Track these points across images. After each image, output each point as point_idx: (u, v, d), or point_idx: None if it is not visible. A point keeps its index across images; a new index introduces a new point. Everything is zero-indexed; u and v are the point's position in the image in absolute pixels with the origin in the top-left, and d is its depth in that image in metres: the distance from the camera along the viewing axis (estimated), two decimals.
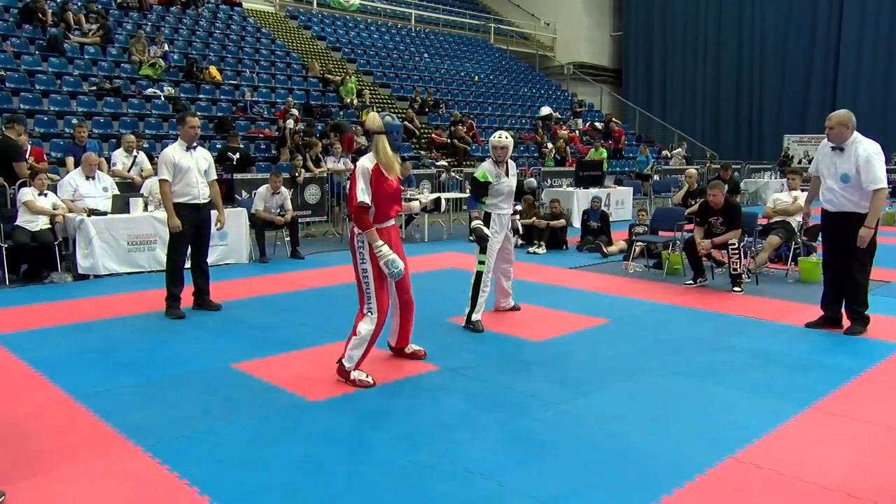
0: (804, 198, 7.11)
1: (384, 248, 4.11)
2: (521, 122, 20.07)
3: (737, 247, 6.94)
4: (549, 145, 17.59)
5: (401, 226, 4.57)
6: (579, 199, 12.39)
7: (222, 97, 14.10)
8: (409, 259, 4.52)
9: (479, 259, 5.62)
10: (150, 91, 12.94)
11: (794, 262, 7.82)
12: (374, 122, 4.20)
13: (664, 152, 21.30)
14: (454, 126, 16.59)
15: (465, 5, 28.96)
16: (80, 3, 14.90)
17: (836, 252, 5.40)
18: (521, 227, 6.41)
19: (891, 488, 2.97)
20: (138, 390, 4.10)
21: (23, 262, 7.47)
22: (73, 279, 7.40)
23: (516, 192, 6.04)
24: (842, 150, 5.24)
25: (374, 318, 4.18)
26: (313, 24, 21.21)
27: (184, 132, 5.88)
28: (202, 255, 6.11)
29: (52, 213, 7.51)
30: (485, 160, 5.81)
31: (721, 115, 28.13)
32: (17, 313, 5.99)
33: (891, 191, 7.00)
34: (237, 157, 10.81)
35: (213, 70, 14.49)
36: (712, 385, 4.23)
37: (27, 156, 8.13)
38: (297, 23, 21.00)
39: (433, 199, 4.99)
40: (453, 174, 13.15)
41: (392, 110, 16.32)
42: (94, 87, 12.40)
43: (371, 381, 4.17)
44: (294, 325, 5.64)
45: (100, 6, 15.25)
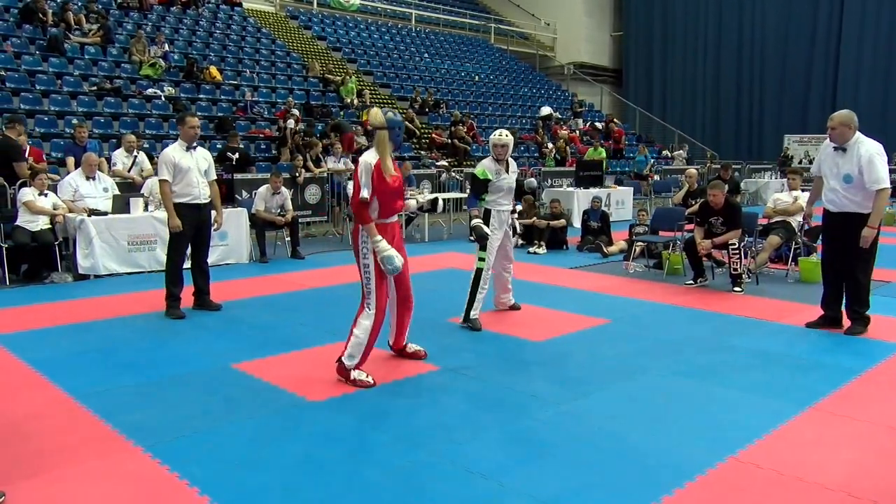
0: (804, 198, 7.09)
1: (382, 244, 4.12)
2: (521, 122, 20.06)
3: (737, 247, 6.94)
4: (549, 145, 17.60)
5: (401, 226, 4.57)
6: (579, 199, 12.39)
7: (222, 97, 14.10)
8: (409, 259, 4.53)
9: (479, 256, 5.65)
10: (150, 91, 12.94)
11: (795, 262, 7.82)
12: (377, 117, 4.20)
13: (664, 153, 21.30)
14: (454, 126, 16.60)
15: (466, 5, 28.96)
16: (80, 3, 14.89)
17: (837, 252, 5.38)
18: (522, 227, 6.40)
19: (891, 488, 2.97)
20: (138, 390, 4.10)
21: (23, 262, 7.47)
22: (73, 279, 7.40)
23: (516, 192, 6.04)
24: (844, 150, 5.22)
25: (371, 313, 4.19)
26: (313, 24, 21.21)
27: (184, 132, 5.88)
28: (202, 255, 6.11)
29: (53, 213, 7.51)
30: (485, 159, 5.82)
31: (721, 114, 28.14)
32: (18, 313, 5.99)
33: (892, 191, 6.98)
34: (237, 157, 10.81)
35: (214, 70, 14.49)
36: (712, 385, 4.23)
37: (26, 156, 8.13)
38: (297, 23, 21.00)
39: (431, 200, 4.98)
40: (453, 174, 13.14)
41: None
42: (95, 87, 12.40)
43: (371, 381, 4.18)
44: (294, 325, 5.65)
45: (100, 6, 15.24)
